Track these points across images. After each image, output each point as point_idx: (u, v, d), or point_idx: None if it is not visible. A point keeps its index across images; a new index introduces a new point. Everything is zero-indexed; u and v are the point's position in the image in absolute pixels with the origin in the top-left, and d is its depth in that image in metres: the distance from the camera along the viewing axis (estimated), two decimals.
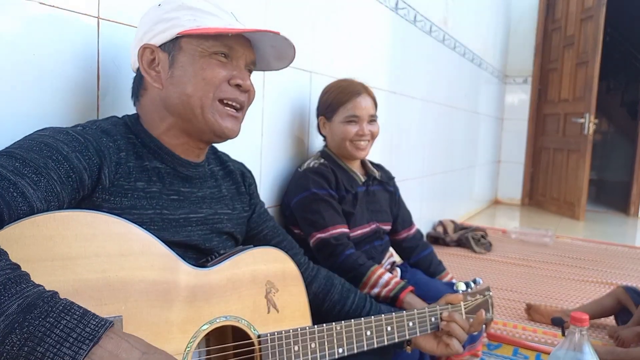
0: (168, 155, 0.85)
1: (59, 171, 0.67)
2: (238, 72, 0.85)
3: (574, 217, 4.40)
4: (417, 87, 2.85)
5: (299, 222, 1.48)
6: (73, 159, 0.69)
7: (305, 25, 1.72)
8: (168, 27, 0.82)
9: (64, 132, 0.72)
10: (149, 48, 0.83)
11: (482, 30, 4.18)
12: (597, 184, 7.71)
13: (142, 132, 0.84)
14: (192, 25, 0.81)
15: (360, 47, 2.12)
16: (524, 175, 5.20)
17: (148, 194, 0.80)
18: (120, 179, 0.76)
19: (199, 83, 0.81)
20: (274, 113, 1.59)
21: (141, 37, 0.85)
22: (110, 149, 0.76)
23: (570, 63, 4.51)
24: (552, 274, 2.71)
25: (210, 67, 0.82)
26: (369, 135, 1.53)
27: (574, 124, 4.37)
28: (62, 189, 0.67)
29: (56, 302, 0.53)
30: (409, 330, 1.01)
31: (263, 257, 0.87)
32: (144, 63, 0.84)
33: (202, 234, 0.88)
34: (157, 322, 0.69)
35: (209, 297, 0.76)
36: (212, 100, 0.83)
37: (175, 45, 0.82)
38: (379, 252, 1.59)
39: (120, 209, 0.75)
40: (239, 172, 1.03)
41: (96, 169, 0.73)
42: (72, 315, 0.53)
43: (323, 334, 0.89)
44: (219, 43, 0.82)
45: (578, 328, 0.91)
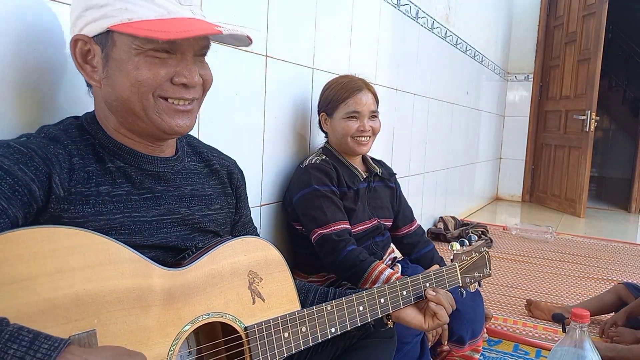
0: (129, 154, 0.79)
1: (2, 187, 0.63)
2: (183, 68, 0.75)
3: (574, 214, 4.40)
4: (419, 83, 2.85)
5: (300, 219, 1.49)
6: (16, 171, 0.65)
7: (307, 21, 1.72)
8: (98, 16, 0.71)
9: (5, 145, 0.68)
10: (82, 39, 0.74)
11: (484, 27, 4.17)
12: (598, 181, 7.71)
13: (99, 132, 0.78)
14: (123, 18, 0.70)
15: (362, 44, 2.12)
16: (524, 172, 5.20)
17: (114, 197, 0.75)
18: (77, 186, 0.71)
19: (134, 85, 0.72)
20: (276, 109, 1.59)
21: (74, 22, 0.75)
22: (59, 156, 0.70)
23: (572, 60, 4.50)
24: (552, 271, 2.71)
25: (147, 66, 0.72)
26: (370, 131, 1.53)
27: (575, 120, 4.37)
28: (9, 204, 0.62)
29: (1, 331, 0.49)
30: (403, 299, 0.99)
31: (242, 247, 0.83)
32: (78, 57, 0.75)
33: (180, 234, 0.83)
34: (134, 330, 0.67)
35: (187, 296, 0.74)
36: (153, 100, 0.74)
37: (107, 39, 0.72)
38: (380, 248, 1.60)
39: (83, 217, 0.71)
40: (226, 172, 0.97)
41: (45, 179, 0.67)
42: (20, 343, 0.49)
43: (313, 316, 0.87)
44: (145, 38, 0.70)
45: (579, 324, 0.92)
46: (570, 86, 4.53)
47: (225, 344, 0.82)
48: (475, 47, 3.90)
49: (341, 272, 1.42)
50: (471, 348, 1.48)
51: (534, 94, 5.06)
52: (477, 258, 1.15)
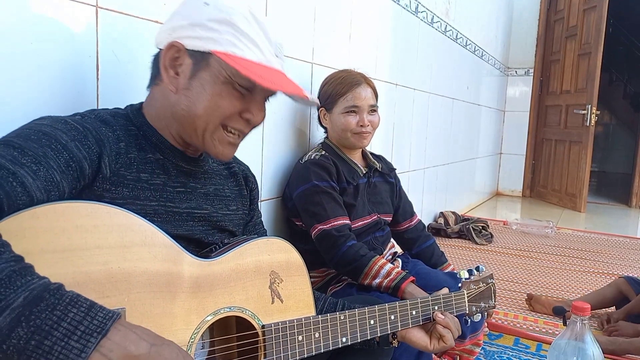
0: (169, 149, 0.84)
1: (59, 160, 0.66)
2: (253, 107, 0.82)
3: (575, 208, 4.40)
4: (419, 78, 2.84)
5: (300, 214, 1.49)
6: (72, 147, 0.68)
7: (306, 16, 1.71)
8: (205, 36, 0.77)
9: (63, 121, 0.71)
10: (177, 46, 0.79)
11: (484, 22, 4.15)
12: (599, 176, 7.71)
13: (145, 125, 0.82)
14: (228, 49, 0.76)
15: (361, 38, 2.11)
16: (525, 167, 5.19)
17: (152, 185, 0.79)
18: (121, 169, 0.75)
19: (211, 107, 0.78)
20: (275, 105, 1.58)
21: (174, 27, 0.80)
22: (109, 139, 0.75)
23: (573, 54, 4.49)
24: (553, 265, 2.71)
25: (229, 97, 0.79)
26: (369, 126, 1.52)
27: (576, 115, 4.36)
28: (62, 178, 0.66)
29: (62, 294, 0.52)
30: (412, 318, 1.01)
31: (267, 247, 0.86)
32: (167, 59, 0.80)
33: (203, 229, 0.87)
34: (161, 313, 0.69)
35: (212, 288, 0.76)
36: (216, 125, 0.80)
37: (203, 58, 0.78)
38: (381, 243, 1.60)
39: (123, 199, 0.74)
40: (243, 175, 1.02)
41: (96, 158, 0.71)
42: (79, 308, 0.52)
43: (327, 323, 0.89)
44: (247, 79, 0.77)
45: (580, 317, 0.92)
46: (571, 81, 4.52)
47: (238, 340, 0.83)
48: (475, 42, 3.89)
49: (341, 267, 1.41)
50: (472, 342, 1.48)
51: (535, 88, 5.04)
52: (484, 288, 1.17)
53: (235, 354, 0.84)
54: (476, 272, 1.18)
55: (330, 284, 1.52)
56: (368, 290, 1.40)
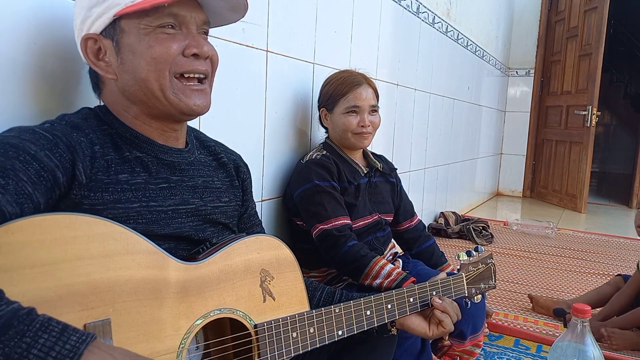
0: (146, 143, 0.81)
1: (28, 171, 0.64)
2: (191, 40, 0.79)
3: (575, 209, 4.40)
4: (420, 78, 2.84)
5: (301, 214, 1.49)
6: (42, 157, 0.66)
7: (308, 17, 1.71)
8: (103, 10, 0.75)
9: (31, 130, 0.69)
10: (91, 38, 0.77)
11: (485, 22, 4.15)
12: (599, 176, 7.70)
13: (116, 122, 0.80)
14: (126, 2, 0.74)
15: (363, 39, 2.11)
16: (525, 167, 5.19)
17: (132, 185, 0.76)
18: (98, 174, 0.73)
19: (150, 64, 0.76)
20: (277, 104, 1.59)
21: (80, 26, 0.79)
22: (82, 144, 0.72)
23: (574, 55, 4.48)
24: (553, 266, 2.71)
25: (158, 42, 0.76)
26: (370, 126, 1.52)
27: (577, 116, 4.36)
28: (34, 189, 0.63)
29: (32, 319, 0.50)
30: (410, 305, 1.00)
31: (256, 245, 0.84)
32: (90, 55, 0.78)
33: (193, 225, 0.85)
34: (148, 321, 0.68)
35: (201, 291, 0.75)
36: (169, 78, 0.77)
37: (116, 28, 0.76)
38: (381, 243, 1.60)
39: (103, 204, 0.72)
40: (234, 166, 0.99)
41: (69, 165, 0.69)
42: (51, 333, 0.50)
43: (322, 317, 0.87)
44: (161, 14, 0.75)
45: (580, 319, 0.92)
46: (572, 81, 4.52)
47: (233, 341, 0.82)
48: (476, 42, 3.89)
49: (342, 267, 1.42)
50: (472, 343, 1.48)
51: (535, 89, 5.04)
52: (483, 269, 1.15)
53: (232, 355, 0.83)
54: (475, 253, 1.16)
55: (331, 283, 1.52)
56: (369, 290, 1.40)
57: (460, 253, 1.14)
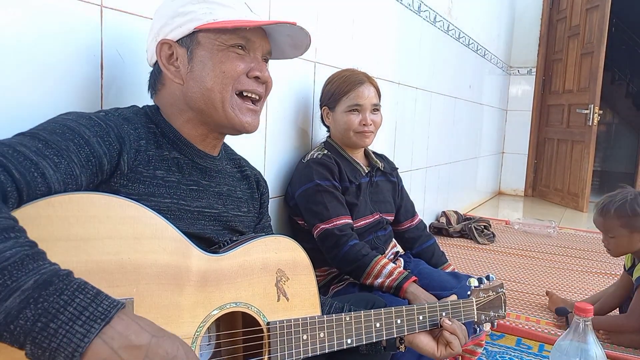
0: (186, 146, 0.86)
1: (80, 155, 0.68)
2: (256, 64, 0.86)
3: (577, 208, 4.39)
4: (421, 77, 2.83)
5: (302, 213, 1.49)
6: (94, 143, 0.71)
7: (309, 15, 1.71)
8: (185, 21, 0.82)
9: (87, 117, 0.74)
10: (167, 43, 0.84)
11: (486, 21, 4.15)
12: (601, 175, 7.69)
13: (162, 122, 0.86)
14: (208, 19, 0.82)
15: (364, 37, 2.11)
16: (527, 166, 5.18)
17: (167, 182, 0.81)
18: (139, 166, 0.78)
19: (218, 77, 0.83)
20: (278, 103, 1.58)
21: (157, 31, 0.85)
22: (130, 136, 0.77)
23: (575, 53, 4.47)
24: (555, 265, 2.71)
25: (229, 60, 0.83)
26: (372, 125, 1.52)
27: (578, 114, 4.35)
28: (81, 172, 0.68)
29: (71, 280, 0.54)
30: (419, 323, 1.01)
31: (274, 245, 0.87)
32: (163, 59, 0.84)
33: (214, 228, 0.88)
34: (168, 305, 0.70)
35: (219, 282, 0.77)
36: (231, 93, 0.84)
37: (192, 40, 0.83)
38: (383, 242, 1.60)
39: (138, 195, 0.76)
40: (255, 179, 1.04)
41: (116, 155, 0.74)
42: (86, 294, 0.53)
43: (332, 324, 0.89)
44: (236, 36, 0.83)
45: (582, 319, 0.91)
46: (573, 80, 4.51)
47: (244, 336, 0.84)
48: (477, 41, 3.88)
49: (343, 266, 1.42)
50: (474, 342, 1.48)
51: (537, 87, 5.03)
52: (493, 297, 1.15)
53: (240, 349, 0.84)
54: (486, 281, 1.17)
55: (332, 283, 1.52)
56: (370, 289, 1.40)
57: (471, 279, 1.14)
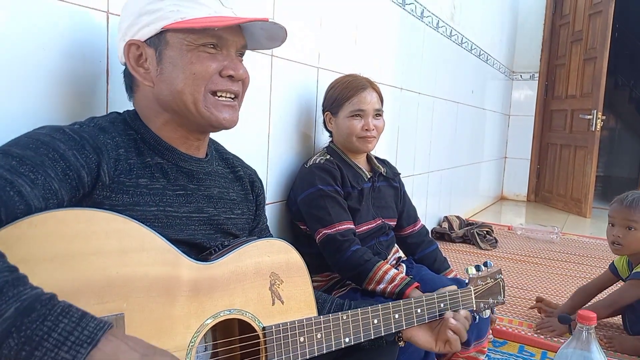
0: (168, 150, 0.84)
1: (56, 169, 0.66)
2: (229, 62, 0.83)
3: (580, 214, 4.38)
4: (424, 82, 2.84)
5: (305, 218, 1.49)
6: (70, 156, 0.69)
7: (312, 21, 1.71)
8: (152, 20, 0.79)
9: (61, 130, 0.72)
10: (135, 44, 0.81)
11: (489, 26, 4.15)
12: (604, 181, 7.67)
13: (142, 128, 0.83)
14: (176, 18, 0.78)
15: (367, 43, 2.11)
16: (530, 171, 5.17)
17: (151, 190, 0.79)
18: (120, 176, 0.75)
19: (188, 78, 0.79)
20: (281, 108, 1.59)
21: (125, 31, 0.82)
22: (108, 146, 0.75)
23: (578, 59, 4.47)
24: (558, 272, 2.70)
25: (200, 60, 0.80)
26: (374, 130, 1.52)
27: (581, 120, 4.34)
28: (60, 186, 0.66)
29: (54, 304, 0.52)
30: (417, 317, 1.00)
31: (267, 248, 0.86)
32: (131, 60, 0.81)
33: (205, 233, 0.86)
34: (160, 317, 0.69)
35: (212, 291, 0.76)
36: (204, 93, 0.81)
37: (161, 39, 0.80)
38: (385, 248, 1.59)
39: (122, 205, 0.74)
40: (249, 180, 1.01)
41: (94, 166, 0.72)
42: (70, 318, 0.52)
43: (329, 324, 0.88)
44: (206, 34, 0.79)
45: (585, 327, 0.91)
46: (576, 85, 4.50)
47: (241, 342, 0.83)
48: (480, 46, 3.89)
49: (345, 272, 1.41)
50: (476, 349, 1.47)
51: (540, 93, 5.02)
52: (492, 284, 1.15)
53: (238, 357, 0.83)
54: (484, 268, 1.16)
55: (334, 288, 1.51)
56: (372, 295, 1.39)
57: (469, 267, 1.14)
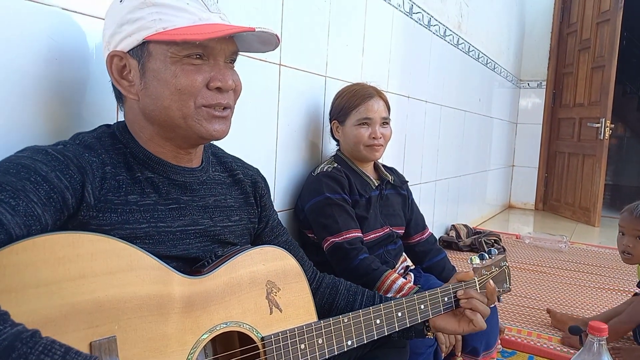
0: (158, 164, 0.80)
1: (39, 193, 0.64)
2: (217, 73, 0.78)
3: (589, 222, 4.34)
4: (431, 91, 2.84)
5: (312, 227, 1.48)
6: (53, 178, 0.66)
7: (320, 30, 1.72)
8: (133, 30, 0.74)
9: (43, 151, 0.69)
10: (117, 55, 0.76)
11: (496, 34, 4.15)
12: (613, 189, 7.60)
13: (131, 141, 0.80)
14: (158, 28, 0.73)
15: (374, 52, 2.12)
16: (537, 179, 5.14)
17: (142, 206, 0.76)
18: (107, 194, 0.72)
19: (174, 94, 0.75)
20: (289, 117, 1.59)
21: (108, 40, 0.77)
22: (93, 165, 0.72)
23: (586, 67, 4.46)
24: (567, 281, 2.67)
25: (184, 73, 0.74)
26: (382, 138, 1.52)
27: (589, 128, 4.31)
28: (43, 211, 0.63)
29: (35, 342, 0.50)
30: (421, 313, 0.99)
31: (261, 257, 0.84)
32: (115, 73, 0.77)
33: (201, 246, 0.84)
34: (154, 337, 0.67)
35: (206, 305, 0.74)
36: (193, 109, 0.76)
37: (143, 50, 0.75)
38: (393, 256, 1.59)
39: (110, 225, 0.72)
40: (250, 181, 0.97)
41: (79, 187, 0.69)
42: (53, 356, 0.50)
43: (330, 328, 0.87)
44: (191, 45, 0.73)
45: (597, 338, 0.90)
46: (584, 93, 4.49)
47: (242, 354, 0.82)
48: (487, 55, 3.89)
49: (353, 280, 1.39)
50: (485, 359, 1.46)
51: (547, 101, 5.01)
52: (497, 272, 1.13)
53: None
54: (488, 257, 1.14)
55: None
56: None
57: (473, 256, 1.12)
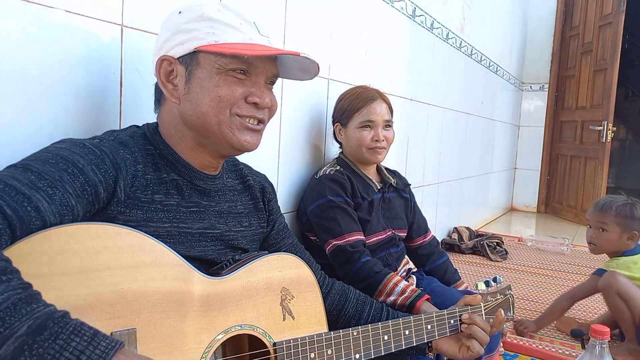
0: (185, 168, 0.84)
1: (74, 184, 0.66)
2: (256, 89, 0.83)
3: None
4: (433, 93, 2.84)
5: (315, 229, 1.49)
6: (89, 172, 0.69)
7: (323, 33, 1.73)
8: (187, 39, 0.79)
9: (81, 144, 0.72)
10: (167, 60, 0.81)
11: (499, 37, 4.16)
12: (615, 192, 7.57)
13: (161, 144, 0.83)
14: (210, 40, 0.78)
15: (377, 54, 2.12)
16: (540, 182, 5.14)
17: (166, 206, 0.79)
18: (136, 192, 0.76)
19: (214, 101, 0.79)
20: (292, 119, 1.60)
21: (161, 45, 0.83)
22: (127, 162, 0.75)
23: (588, 70, 4.46)
24: (569, 284, 2.67)
25: (227, 84, 0.80)
26: (384, 141, 1.53)
27: (592, 131, 4.31)
28: (77, 202, 0.66)
29: (66, 323, 0.53)
30: (427, 333, 1.00)
31: (278, 263, 0.86)
32: (162, 75, 0.82)
33: (216, 249, 0.87)
34: (171, 333, 0.69)
35: (223, 306, 0.76)
36: (229, 115, 0.81)
37: (193, 59, 0.80)
38: (395, 259, 1.59)
39: (136, 221, 0.74)
40: (259, 187, 1.01)
41: (112, 182, 0.72)
42: (82, 337, 0.52)
43: (339, 339, 0.88)
44: (237, 60, 0.79)
45: (599, 341, 0.90)
46: (587, 96, 4.49)
47: (251, 358, 0.83)
48: (490, 57, 3.89)
49: (355, 283, 1.40)
50: None
51: (549, 104, 5.01)
52: (501, 300, 1.15)
53: None
54: (493, 284, 1.16)
55: None
56: None
57: (479, 283, 1.14)
